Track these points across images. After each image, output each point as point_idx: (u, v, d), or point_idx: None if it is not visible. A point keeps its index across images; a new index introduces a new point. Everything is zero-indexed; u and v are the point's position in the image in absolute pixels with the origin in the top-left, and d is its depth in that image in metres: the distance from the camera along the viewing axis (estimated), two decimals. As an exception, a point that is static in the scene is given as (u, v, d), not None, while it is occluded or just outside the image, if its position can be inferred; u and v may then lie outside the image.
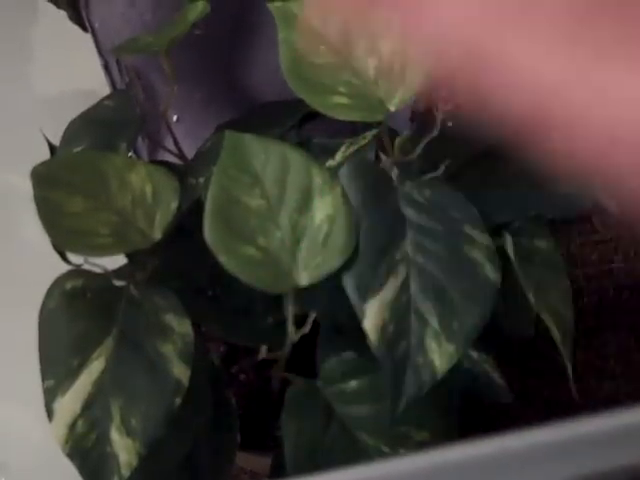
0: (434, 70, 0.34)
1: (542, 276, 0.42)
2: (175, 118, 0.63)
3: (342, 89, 0.39)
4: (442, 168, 0.40)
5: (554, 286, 0.42)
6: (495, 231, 0.41)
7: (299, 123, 0.50)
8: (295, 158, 0.38)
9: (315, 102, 0.38)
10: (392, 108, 0.39)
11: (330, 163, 0.44)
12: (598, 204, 0.61)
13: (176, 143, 0.50)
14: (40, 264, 0.42)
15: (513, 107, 0.24)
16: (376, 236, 0.37)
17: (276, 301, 0.41)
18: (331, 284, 0.37)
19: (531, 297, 0.39)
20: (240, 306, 0.44)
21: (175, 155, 0.51)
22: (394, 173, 0.43)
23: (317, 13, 0.40)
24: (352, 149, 0.44)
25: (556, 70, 0.22)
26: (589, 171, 0.22)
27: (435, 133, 0.39)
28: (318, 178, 0.38)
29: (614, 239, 0.65)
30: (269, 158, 0.38)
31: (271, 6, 0.41)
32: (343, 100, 0.39)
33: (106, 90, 0.64)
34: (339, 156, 0.45)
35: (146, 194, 0.41)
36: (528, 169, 0.46)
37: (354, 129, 0.46)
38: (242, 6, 0.62)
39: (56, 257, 0.42)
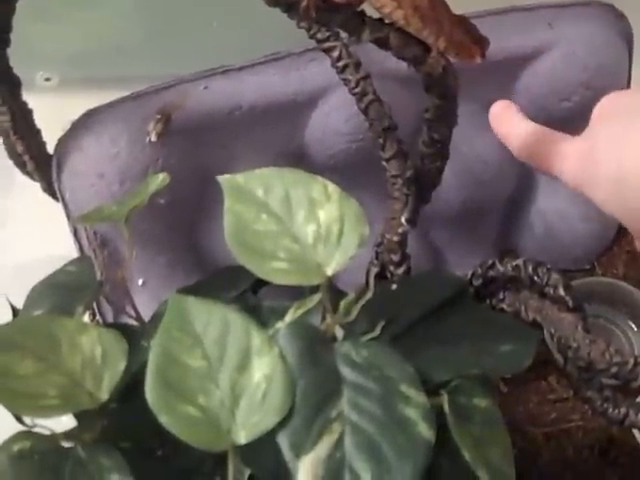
0: None
1: (483, 434, 0.42)
2: (140, 282, 0.66)
3: (281, 254, 0.41)
4: (379, 329, 0.42)
5: (495, 444, 0.43)
6: (434, 390, 0.43)
7: (252, 287, 0.52)
8: (235, 320, 0.40)
9: (253, 267, 0.40)
10: (329, 272, 0.41)
11: (279, 325, 0.46)
12: (551, 360, 0.62)
13: (134, 307, 0.52)
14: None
15: None
16: (311, 394, 0.39)
17: (224, 460, 0.41)
18: (270, 441, 0.38)
19: (466, 454, 0.39)
20: (189, 466, 0.45)
21: (133, 318, 0.53)
22: (339, 333, 0.44)
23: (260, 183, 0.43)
24: (300, 312, 0.46)
25: None
26: None
27: (369, 295, 0.41)
28: (257, 339, 0.40)
29: (571, 398, 0.66)
30: (210, 320, 0.40)
31: (220, 178, 0.44)
32: (282, 265, 0.41)
33: (75, 256, 0.66)
34: (288, 318, 0.46)
35: (95, 356, 0.42)
36: (469, 329, 0.48)
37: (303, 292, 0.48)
38: (207, 176, 0.65)
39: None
